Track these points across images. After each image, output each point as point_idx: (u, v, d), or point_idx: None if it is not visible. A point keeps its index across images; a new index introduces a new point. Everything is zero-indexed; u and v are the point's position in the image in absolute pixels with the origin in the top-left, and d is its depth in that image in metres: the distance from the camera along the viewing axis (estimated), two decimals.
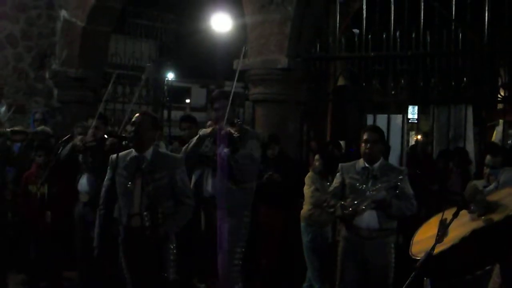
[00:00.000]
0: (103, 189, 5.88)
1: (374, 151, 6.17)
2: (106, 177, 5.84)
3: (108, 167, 5.83)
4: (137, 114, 5.85)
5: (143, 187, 5.55)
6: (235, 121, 6.46)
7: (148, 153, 5.68)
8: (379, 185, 6.06)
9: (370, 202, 6.01)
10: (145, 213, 5.47)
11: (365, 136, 6.21)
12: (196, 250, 7.65)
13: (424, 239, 4.88)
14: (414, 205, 6.13)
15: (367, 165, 6.18)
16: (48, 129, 9.06)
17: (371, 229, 6.07)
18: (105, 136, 7.66)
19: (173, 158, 5.88)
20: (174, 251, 5.68)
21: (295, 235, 8.18)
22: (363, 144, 6.21)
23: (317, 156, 8.18)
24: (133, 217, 5.54)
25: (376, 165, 6.18)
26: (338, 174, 6.43)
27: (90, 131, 7.77)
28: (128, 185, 5.60)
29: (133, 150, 5.73)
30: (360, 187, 6.14)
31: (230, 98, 6.37)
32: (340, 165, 6.51)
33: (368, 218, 6.07)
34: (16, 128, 8.77)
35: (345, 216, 6.15)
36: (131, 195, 5.57)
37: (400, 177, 6.15)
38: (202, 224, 6.60)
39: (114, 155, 5.79)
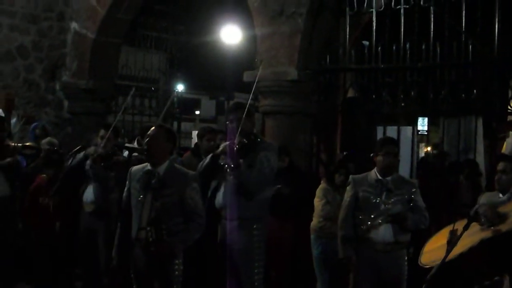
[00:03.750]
0: (122, 201, 5.89)
1: (395, 164, 6.21)
2: (125, 188, 5.84)
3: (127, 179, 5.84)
4: (152, 127, 5.82)
5: (153, 202, 5.53)
6: (252, 133, 6.39)
7: (162, 167, 5.61)
8: (394, 198, 6.05)
9: (386, 216, 5.99)
10: (148, 228, 5.42)
11: (386, 149, 6.20)
12: (207, 264, 7.64)
13: (433, 249, 4.89)
14: (427, 218, 6.12)
15: (379, 177, 6.16)
16: (55, 140, 9.07)
17: (386, 242, 6.05)
18: (116, 147, 7.66)
19: (185, 174, 5.72)
20: (180, 267, 5.61)
21: (305, 247, 8.17)
22: (383, 157, 6.18)
23: (341, 170, 8.15)
24: (140, 231, 5.54)
25: (390, 178, 6.16)
26: (349, 187, 6.39)
27: (102, 142, 7.77)
28: (139, 199, 5.59)
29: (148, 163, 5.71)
30: (374, 200, 6.11)
31: (246, 110, 6.32)
32: (351, 177, 6.48)
33: (384, 232, 6.04)
34: (28, 144, 8.75)
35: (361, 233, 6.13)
36: (141, 209, 5.56)
37: (413, 189, 6.15)
38: (218, 235, 6.58)
39: (132, 167, 5.81)
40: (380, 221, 5.99)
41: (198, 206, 5.62)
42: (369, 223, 6.05)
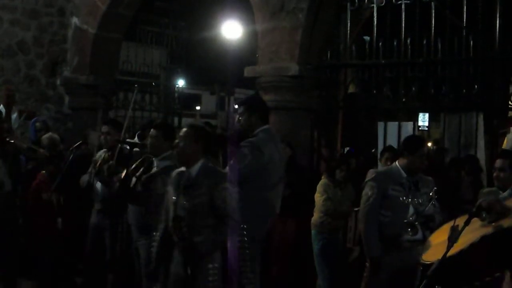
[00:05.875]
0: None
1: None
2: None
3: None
4: (184, 128, 5.73)
5: (183, 202, 5.43)
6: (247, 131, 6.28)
7: (195, 168, 5.46)
8: (420, 198, 6.02)
9: (420, 216, 5.96)
10: (171, 224, 5.35)
11: (420, 151, 6.19)
12: None
13: (434, 245, 4.88)
14: (441, 216, 6.09)
15: (405, 175, 6.14)
16: (55, 136, 9.06)
17: (416, 240, 6.02)
18: (118, 142, 7.62)
19: (216, 174, 5.54)
20: (215, 271, 5.41)
21: (306, 243, 8.17)
22: (418, 159, 6.15)
23: (343, 166, 8.14)
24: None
25: (417, 176, 6.15)
26: (372, 182, 6.25)
27: (102, 138, 7.78)
28: (172, 200, 5.50)
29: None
30: (403, 200, 6.06)
31: (246, 106, 6.29)
32: (374, 172, 6.39)
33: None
34: (31, 146, 8.75)
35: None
36: (174, 210, 5.47)
37: (435, 188, 6.13)
38: None
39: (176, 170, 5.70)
40: (417, 222, 5.94)
41: (229, 207, 5.40)
42: (400, 222, 5.99)
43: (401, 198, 6.05)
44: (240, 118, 6.27)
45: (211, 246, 5.39)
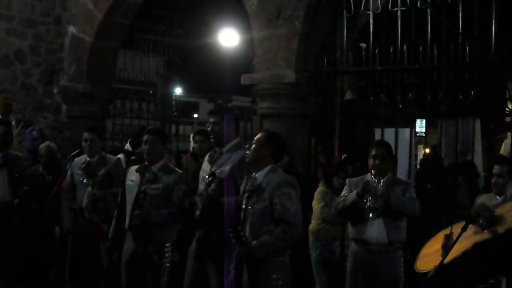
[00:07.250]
0: None
1: (383, 166, 6.15)
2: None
3: None
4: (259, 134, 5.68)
5: (247, 208, 5.41)
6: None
7: (262, 173, 5.44)
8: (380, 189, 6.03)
9: (374, 201, 5.97)
10: (229, 229, 5.25)
11: (373, 152, 6.19)
12: None
13: (429, 253, 4.89)
14: (416, 206, 6.02)
15: (375, 180, 6.15)
16: (53, 144, 9.07)
17: (381, 243, 6.03)
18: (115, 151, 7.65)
19: (277, 179, 5.42)
20: (279, 282, 5.31)
21: (303, 250, 8.15)
22: (371, 160, 6.19)
23: (340, 174, 8.14)
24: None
25: (383, 179, 6.14)
26: (345, 187, 6.41)
27: (85, 145, 7.82)
28: (243, 207, 5.47)
29: None
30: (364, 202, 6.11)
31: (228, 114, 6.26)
32: (348, 180, 6.49)
33: (377, 233, 6.03)
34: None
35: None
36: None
37: (407, 188, 6.14)
38: None
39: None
40: (376, 206, 5.97)
41: (287, 212, 5.31)
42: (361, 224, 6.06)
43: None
44: (214, 127, 6.19)
45: (265, 250, 5.25)
